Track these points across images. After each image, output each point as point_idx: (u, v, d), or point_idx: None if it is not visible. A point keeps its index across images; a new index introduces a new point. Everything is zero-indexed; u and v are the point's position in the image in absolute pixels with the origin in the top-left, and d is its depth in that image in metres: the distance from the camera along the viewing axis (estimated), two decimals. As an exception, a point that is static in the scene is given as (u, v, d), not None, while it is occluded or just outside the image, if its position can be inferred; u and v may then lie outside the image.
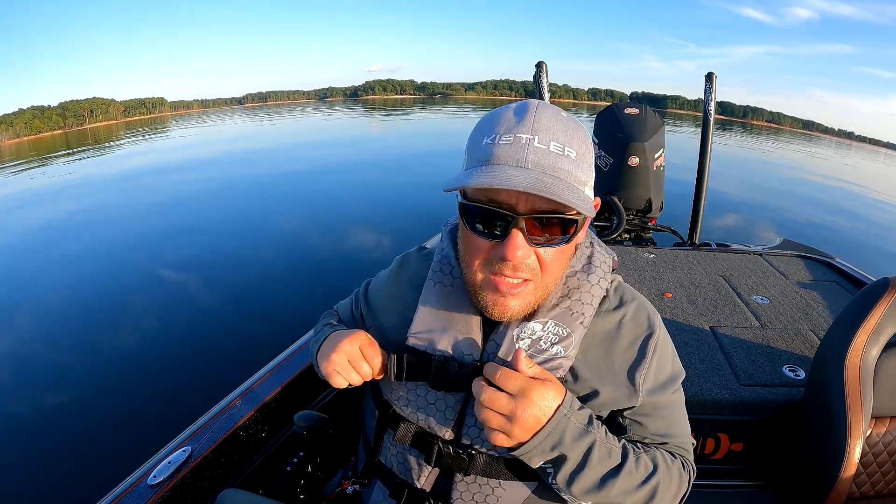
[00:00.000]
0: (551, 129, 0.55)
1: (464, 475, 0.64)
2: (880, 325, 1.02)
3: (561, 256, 0.60)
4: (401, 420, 0.67)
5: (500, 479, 0.63)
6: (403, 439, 0.66)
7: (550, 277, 0.60)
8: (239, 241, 6.37)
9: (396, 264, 0.80)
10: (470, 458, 0.63)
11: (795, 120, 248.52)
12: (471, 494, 0.64)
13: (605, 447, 0.59)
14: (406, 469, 0.67)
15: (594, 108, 71.16)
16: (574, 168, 0.55)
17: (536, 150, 0.54)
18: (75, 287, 5.04)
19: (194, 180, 11.42)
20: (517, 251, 0.54)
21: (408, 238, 6.15)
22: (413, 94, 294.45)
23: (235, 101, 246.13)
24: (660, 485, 0.61)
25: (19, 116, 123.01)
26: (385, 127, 31.17)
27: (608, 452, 0.59)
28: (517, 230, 0.54)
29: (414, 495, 0.67)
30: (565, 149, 0.55)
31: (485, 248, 0.58)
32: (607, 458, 0.59)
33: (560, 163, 0.54)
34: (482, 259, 0.58)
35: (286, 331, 2.53)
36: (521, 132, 0.55)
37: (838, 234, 8.04)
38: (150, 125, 60.41)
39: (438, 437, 0.64)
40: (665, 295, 1.88)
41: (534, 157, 0.54)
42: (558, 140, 0.55)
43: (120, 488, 0.91)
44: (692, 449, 0.71)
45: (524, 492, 0.64)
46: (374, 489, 0.73)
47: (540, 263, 0.58)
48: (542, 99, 3.00)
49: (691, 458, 0.70)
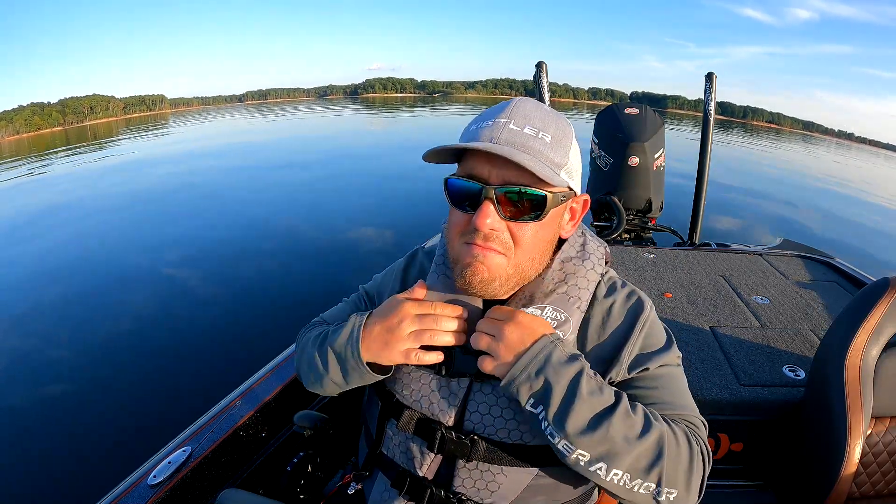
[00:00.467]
0: (528, 116, 0.60)
1: (466, 461, 0.64)
2: (880, 325, 1.02)
3: (535, 237, 0.61)
4: (404, 408, 0.68)
5: (502, 464, 0.63)
6: (407, 427, 0.67)
7: (525, 256, 0.62)
8: (239, 240, 6.36)
9: (402, 264, 0.81)
10: (472, 443, 0.63)
11: (795, 121, 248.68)
12: (472, 481, 0.65)
13: (596, 382, 0.57)
14: (408, 458, 0.68)
15: (594, 107, 71.16)
16: (546, 149, 0.59)
17: (511, 130, 0.58)
18: (74, 285, 5.03)
19: (194, 179, 11.42)
20: (486, 219, 0.58)
21: (408, 234, 6.16)
22: (413, 92, 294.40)
23: (235, 99, 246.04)
24: (665, 438, 0.55)
25: (19, 113, 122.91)
26: (386, 124, 31.15)
27: (599, 387, 0.57)
28: (487, 200, 0.58)
29: (416, 483, 0.67)
30: (539, 132, 0.59)
31: (462, 221, 0.61)
32: (598, 393, 0.56)
33: (531, 143, 0.58)
34: (459, 232, 0.62)
35: (286, 331, 2.53)
36: (500, 118, 0.59)
37: (838, 234, 8.04)
38: (150, 122, 60.31)
39: (441, 424, 0.65)
40: (665, 295, 1.88)
41: (507, 136, 0.58)
42: (534, 125, 0.59)
43: (120, 488, 0.92)
44: (704, 430, 0.63)
45: (525, 478, 0.64)
46: (375, 480, 0.73)
47: (513, 239, 0.60)
48: (542, 98, 3.00)
49: (703, 435, 0.62)
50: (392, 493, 0.69)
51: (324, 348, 0.70)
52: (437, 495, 0.65)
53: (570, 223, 0.68)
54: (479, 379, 0.65)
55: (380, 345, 0.64)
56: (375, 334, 0.64)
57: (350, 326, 0.67)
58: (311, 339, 0.75)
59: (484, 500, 0.65)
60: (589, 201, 0.68)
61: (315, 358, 0.71)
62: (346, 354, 0.66)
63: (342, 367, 0.68)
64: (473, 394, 0.65)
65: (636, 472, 0.55)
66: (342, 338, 0.67)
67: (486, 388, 0.65)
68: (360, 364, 0.65)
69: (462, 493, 0.65)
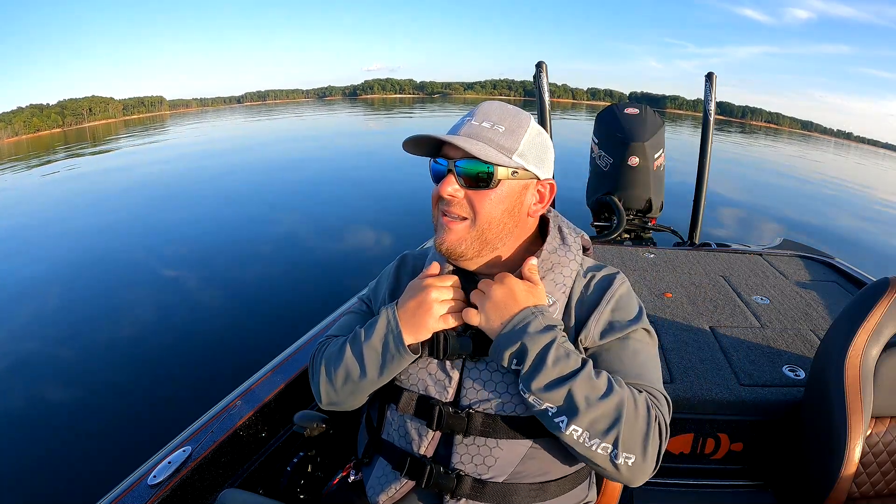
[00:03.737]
0: (489, 113, 0.71)
1: (463, 436, 0.68)
2: (880, 325, 1.02)
3: (493, 207, 0.70)
4: (403, 391, 0.72)
5: (498, 437, 0.68)
6: (407, 408, 0.71)
7: (485, 220, 0.70)
8: (239, 240, 6.36)
9: (393, 267, 0.86)
10: (469, 417, 0.68)
11: (794, 120, 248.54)
12: (470, 456, 0.68)
13: (564, 349, 0.63)
14: (408, 440, 0.71)
15: (593, 107, 71.12)
16: (497, 137, 0.69)
17: (470, 125, 0.70)
18: (74, 285, 5.03)
19: (194, 180, 11.41)
20: (447, 187, 0.69)
21: (407, 234, 6.15)
22: (412, 93, 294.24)
23: (234, 100, 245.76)
24: (624, 403, 0.60)
25: (18, 115, 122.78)
26: (385, 124, 31.16)
27: (566, 354, 0.63)
28: (449, 173, 0.69)
29: (415, 463, 0.70)
30: (494, 125, 0.69)
31: (436, 194, 0.71)
32: (565, 359, 0.62)
33: (485, 133, 0.69)
34: (434, 203, 0.73)
35: (286, 331, 2.52)
36: (470, 118, 0.71)
37: (838, 234, 8.05)
38: (149, 123, 60.26)
39: (439, 401, 0.70)
40: (665, 295, 1.88)
41: (466, 129, 0.69)
42: (490, 119, 0.70)
43: (120, 488, 0.92)
44: (665, 404, 0.67)
45: (520, 450, 0.68)
46: (374, 466, 0.76)
47: (473, 207, 0.70)
48: (541, 98, 3.00)
49: (663, 408, 0.65)
50: (390, 476, 0.72)
51: (357, 349, 0.72)
52: (436, 472, 0.69)
53: (539, 205, 0.75)
54: (472, 357, 0.70)
55: (417, 320, 0.69)
56: (410, 313, 0.70)
57: (384, 319, 0.71)
58: (335, 352, 0.75)
59: (482, 475, 0.68)
60: (555, 187, 0.76)
61: (349, 362, 0.72)
62: (388, 343, 0.70)
63: (382, 359, 0.70)
64: (468, 371, 0.70)
65: (595, 431, 0.60)
66: (379, 331, 0.71)
67: (481, 366, 0.70)
68: (401, 348, 0.69)
69: (461, 469, 0.69)
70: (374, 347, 0.70)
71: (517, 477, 0.68)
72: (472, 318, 0.67)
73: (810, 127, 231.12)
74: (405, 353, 0.69)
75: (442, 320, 0.69)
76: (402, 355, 0.69)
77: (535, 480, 0.69)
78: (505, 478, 0.68)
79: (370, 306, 0.86)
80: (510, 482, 0.68)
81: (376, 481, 0.74)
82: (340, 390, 0.74)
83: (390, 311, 0.71)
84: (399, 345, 0.69)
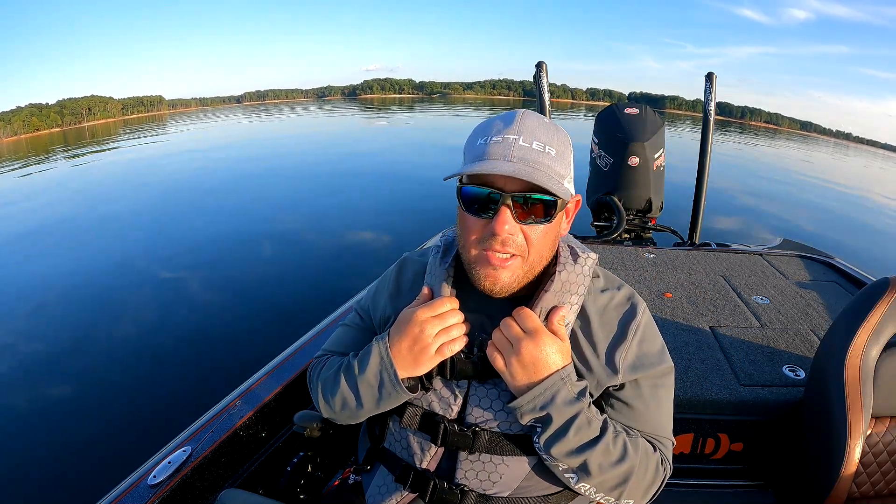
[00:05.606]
0: (534, 131, 0.64)
1: (469, 453, 0.67)
2: (880, 325, 1.02)
3: (545, 237, 0.66)
4: (407, 405, 0.70)
5: (504, 454, 0.67)
6: (411, 423, 0.70)
7: (536, 255, 0.66)
8: (239, 240, 6.36)
9: (394, 271, 0.83)
10: (475, 435, 0.67)
11: (793, 121, 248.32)
12: (475, 472, 0.67)
13: (586, 416, 0.63)
14: (410, 453, 0.70)
15: (593, 107, 71.12)
16: (553, 163, 0.64)
17: (521, 147, 0.63)
18: (74, 286, 5.02)
19: (194, 179, 11.40)
20: (505, 225, 0.62)
21: (407, 235, 6.14)
22: (411, 93, 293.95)
23: (234, 100, 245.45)
24: (634, 470, 0.64)
25: (17, 114, 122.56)
26: (384, 125, 31.15)
27: (588, 422, 0.63)
28: (505, 206, 0.62)
29: (419, 477, 0.69)
30: (546, 147, 0.64)
31: (478, 227, 0.65)
32: (586, 428, 0.63)
33: (541, 158, 0.63)
34: (476, 237, 0.66)
35: (287, 331, 2.52)
36: (509, 133, 0.64)
37: (838, 234, 8.05)
38: (148, 123, 60.24)
39: (444, 418, 0.68)
40: (665, 295, 1.88)
41: (519, 152, 0.62)
42: (540, 140, 0.64)
43: (120, 488, 0.92)
44: (671, 449, 0.72)
45: (526, 466, 0.68)
46: (375, 474, 0.75)
47: (527, 241, 0.65)
48: (541, 98, 3.00)
49: (669, 456, 0.72)
50: (391, 487, 0.71)
51: (352, 381, 0.70)
52: (440, 486, 0.68)
53: (567, 221, 0.73)
54: (479, 380, 0.68)
55: (412, 358, 0.66)
56: (405, 351, 0.67)
57: (377, 355, 0.68)
58: (330, 378, 0.74)
59: (487, 491, 0.67)
60: (580, 201, 0.73)
61: (345, 392, 0.71)
62: (384, 380, 0.68)
63: (379, 394, 0.69)
64: (474, 389, 0.69)
65: (603, 488, 0.65)
66: (372, 367, 0.68)
67: (487, 385, 0.68)
68: (396, 387, 0.67)
69: (465, 485, 0.68)
70: (370, 382, 0.69)
71: (521, 491, 0.68)
72: (497, 363, 0.64)
73: (809, 127, 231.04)
74: (402, 392, 0.67)
75: (439, 355, 0.66)
76: (399, 393, 0.67)
77: (539, 494, 0.69)
78: (510, 493, 0.68)
79: (366, 318, 0.83)
80: (514, 497, 0.68)
81: (377, 490, 0.73)
82: (339, 414, 0.74)
83: (383, 348, 0.68)
84: (395, 384, 0.67)
